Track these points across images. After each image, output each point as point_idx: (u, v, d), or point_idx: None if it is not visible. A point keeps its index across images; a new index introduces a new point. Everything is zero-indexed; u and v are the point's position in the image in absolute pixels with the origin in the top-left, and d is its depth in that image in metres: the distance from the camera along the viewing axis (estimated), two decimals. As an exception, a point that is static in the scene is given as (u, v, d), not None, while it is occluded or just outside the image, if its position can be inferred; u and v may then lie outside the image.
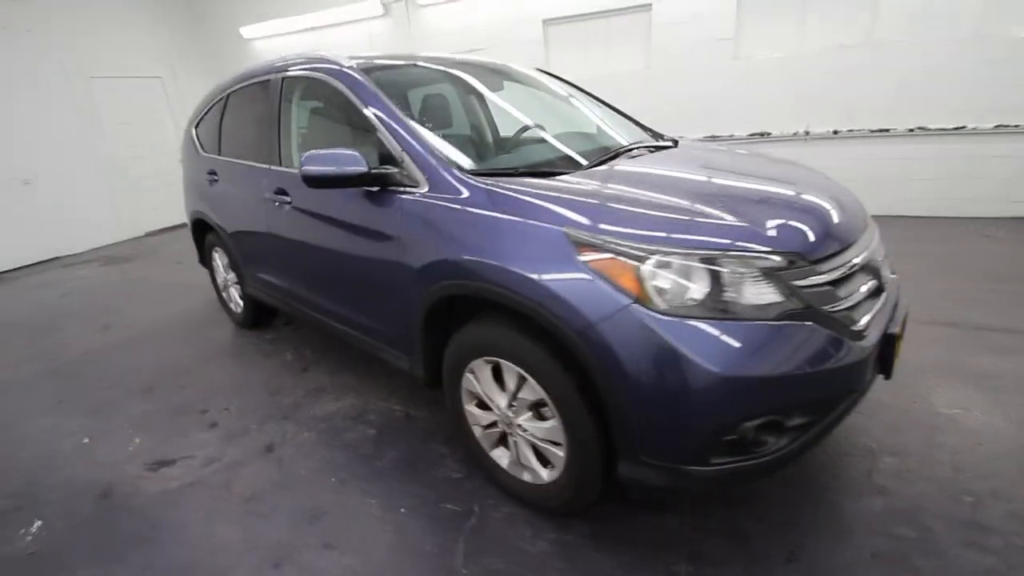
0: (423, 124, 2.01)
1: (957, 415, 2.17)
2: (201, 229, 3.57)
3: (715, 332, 1.29)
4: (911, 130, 4.82)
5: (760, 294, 1.33)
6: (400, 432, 2.34)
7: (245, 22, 7.18)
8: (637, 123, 2.75)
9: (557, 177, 1.77)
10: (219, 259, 3.53)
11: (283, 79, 2.56)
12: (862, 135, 4.98)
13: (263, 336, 3.47)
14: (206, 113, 3.39)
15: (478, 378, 1.79)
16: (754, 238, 1.39)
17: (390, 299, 2.00)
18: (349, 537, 1.79)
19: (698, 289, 1.31)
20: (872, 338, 1.48)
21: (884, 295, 1.64)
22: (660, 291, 1.31)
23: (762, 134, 5.39)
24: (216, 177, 3.11)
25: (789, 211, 1.55)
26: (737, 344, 1.29)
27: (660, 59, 5.49)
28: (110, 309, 4.28)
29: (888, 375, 1.60)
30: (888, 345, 1.54)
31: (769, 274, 1.34)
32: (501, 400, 1.74)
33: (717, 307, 1.30)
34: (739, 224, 1.43)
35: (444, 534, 1.76)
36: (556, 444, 1.63)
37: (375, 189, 1.95)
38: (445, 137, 2.13)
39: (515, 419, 1.72)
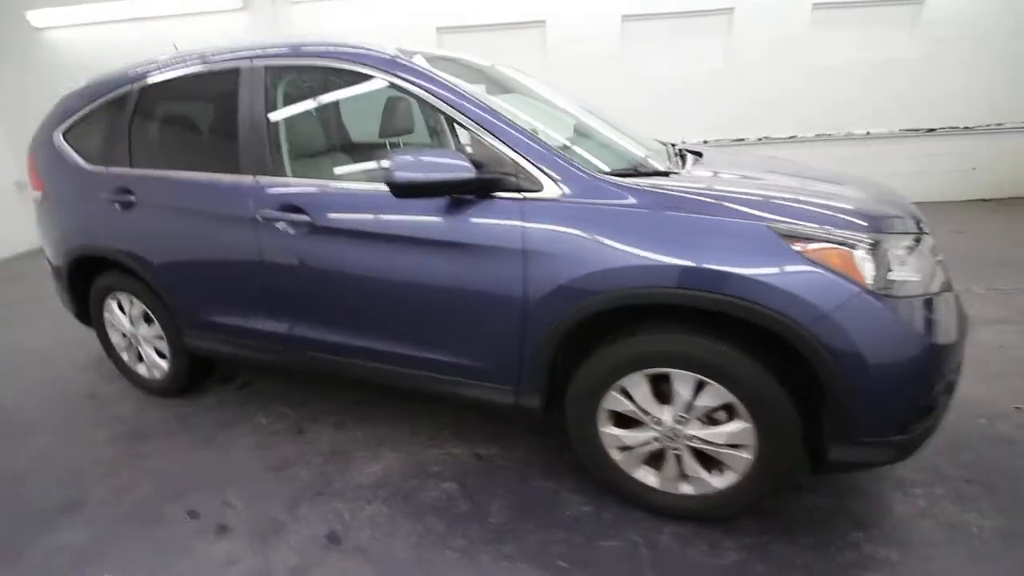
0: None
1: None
2: (85, 270, 2.62)
3: (922, 307, 1.40)
4: (760, 139, 5.88)
5: (931, 270, 1.48)
6: (485, 478, 2.02)
7: (35, 4, 5.49)
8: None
9: (666, 177, 1.73)
10: (122, 309, 2.62)
11: (267, 69, 2.02)
12: (724, 144, 5.91)
13: (201, 403, 2.67)
14: (87, 114, 2.50)
15: (631, 395, 1.65)
16: (907, 223, 1.55)
17: (498, 323, 1.71)
18: (519, 613, 1.49)
19: (898, 270, 1.41)
20: None
21: None
22: (872, 274, 1.38)
23: (648, 143, 6.01)
24: (132, 198, 2.31)
25: (893, 201, 1.75)
26: (936, 315, 1.42)
27: (556, 73, 5.73)
28: (-100, 404, 2.85)
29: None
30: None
31: (929, 252, 1.51)
32: (664, 413, 1.63)
33: (913, 285, 1.41)
34: (892, 212, 1.57)
35: (626, 574, 1.58)
36: (737, 447, 1.58)
37: (468, 197, 1.67)
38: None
39: (684, 430, 1.62)
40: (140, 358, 2.72)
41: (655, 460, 1.74)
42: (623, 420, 1.72)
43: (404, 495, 1.95)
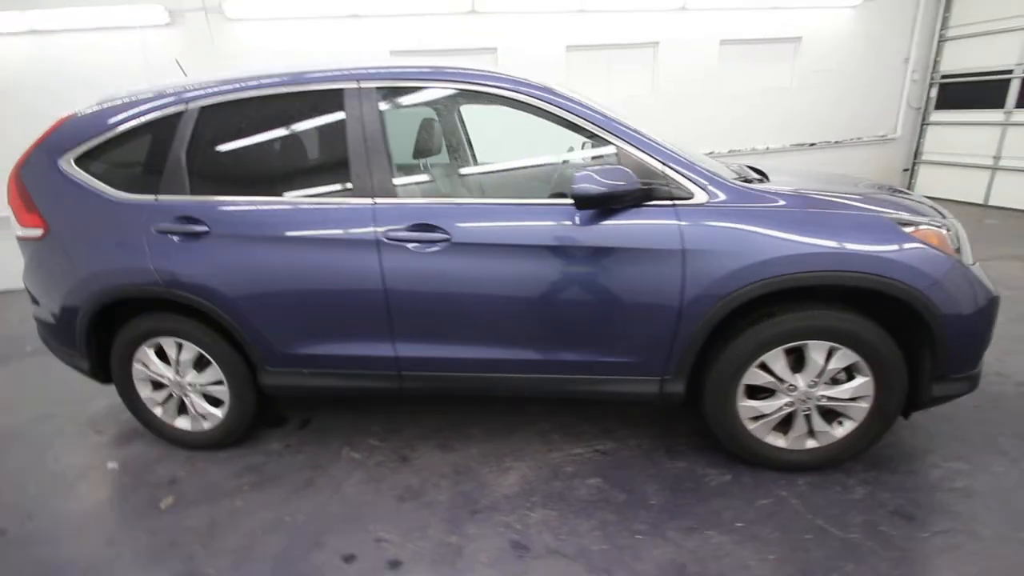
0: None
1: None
2: (111, 317, 2.26)
3: (978, 270, 1.86)
4: (685, 155, 6.68)
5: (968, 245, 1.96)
6: (621, 469, 2.16)
7: None
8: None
9: (762, 182, 2.07)
10: (161, 356, 2.31)
11: (379, 90, 2.01)
12: (657, 159, 6.62)
13: (265, 449, 2.43)
14: (113, 138, 2.20)
15: (770, 368, 1.92)
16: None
17: (655, 319, 1.89)
18: (734, 565, 1.66)
19: (961, 246, 1.86)
20: None
21: None
22: (955, 249, 1.81)
23: (592, 161, 6.53)
24: (201, 228, 2.08)
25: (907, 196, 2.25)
26: (984, 276, 1.88)
27: (507, 97, 6.03)
28: None
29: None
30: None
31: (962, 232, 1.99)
32: (799, 380, 1.92)
33: (968, 256, 1.87)
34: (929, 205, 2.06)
35: (796, 525, 1.83)
36: (858, 399, 1.93)
37: (617, 206, 1.85)
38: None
39: (816, 391, 1.93)
40: (182, 410, 2.41)
41: (782, 424, 2.03)
42: (760, 392, 1.99)
43: (558, 497, 2.02)
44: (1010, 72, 5.91)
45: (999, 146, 6.11)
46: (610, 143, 1.90)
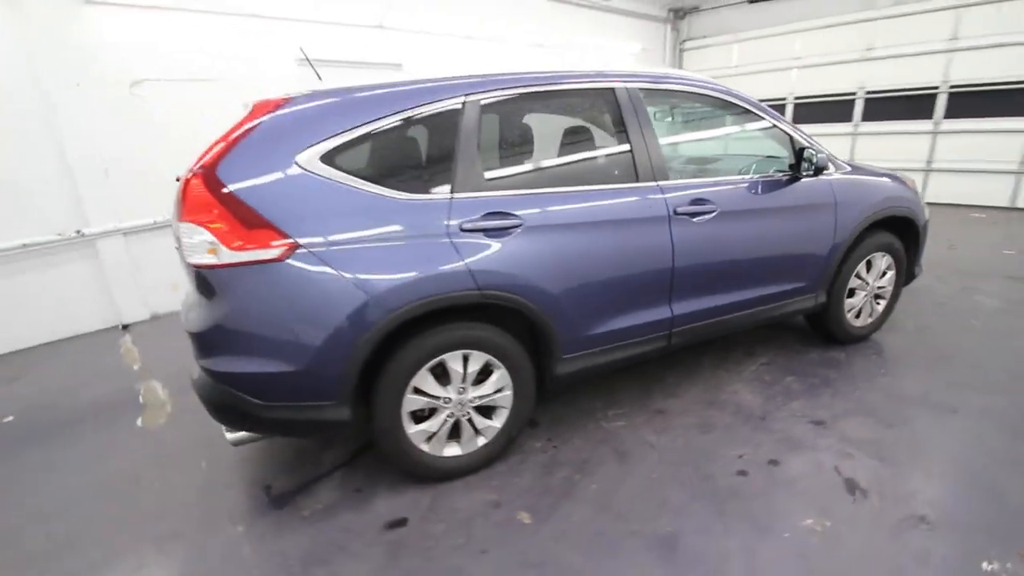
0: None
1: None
2: (391, 339, 1.93)
3: (917, 204, 3.41)
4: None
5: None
6: (791, 368, 3.00)
7: None
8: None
9: None
10: (437, 376, 2.06)
11: (642, 91, 2.37)
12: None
13: (528, 450, 2.38)
14: (368, 133, 1.91)
15: (860, 275, 3.07)
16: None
17: (821, 252, 2.80)
18: (912, 386, 2.70)
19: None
20: None
21: None
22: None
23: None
24: (516, 221, 2.02)
25: None
26: (915, 207, 3.46)
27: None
28: None
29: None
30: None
31: None
32: (870, 279, 3.12)
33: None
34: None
35: (900, 363, 3.00)
36: (889, 287, 3.24)
37: (792, 175, 2.71)
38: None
39: (875, 284, 3.16)
40: (454, 435, 2.16)
41: (858, 311, 3.20)
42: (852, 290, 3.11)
43: (787, 392, 2.74)
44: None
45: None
46: (785, 133, 2.72)
